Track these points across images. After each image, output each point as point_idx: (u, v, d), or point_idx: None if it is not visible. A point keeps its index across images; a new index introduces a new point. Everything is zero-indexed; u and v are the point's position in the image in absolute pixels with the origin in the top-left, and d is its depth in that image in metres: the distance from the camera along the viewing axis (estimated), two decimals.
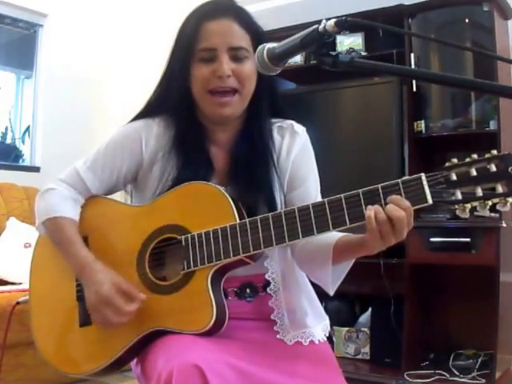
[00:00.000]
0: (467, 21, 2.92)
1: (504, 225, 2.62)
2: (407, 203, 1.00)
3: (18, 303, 1.95)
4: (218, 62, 1.22)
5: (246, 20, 1.26)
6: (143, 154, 1.28)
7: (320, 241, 1.18)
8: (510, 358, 2.87)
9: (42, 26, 3.82)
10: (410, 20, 3.01)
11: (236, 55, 1.23)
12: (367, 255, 1.11)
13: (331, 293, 1.22)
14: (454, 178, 0.99)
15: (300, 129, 1.34)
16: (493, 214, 0.99)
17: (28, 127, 3.82)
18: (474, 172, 0.98)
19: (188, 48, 1.24)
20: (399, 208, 1.00)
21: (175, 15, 1.33)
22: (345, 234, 1.17)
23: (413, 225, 1.02)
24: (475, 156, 0.98)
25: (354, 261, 1.19)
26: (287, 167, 1.30)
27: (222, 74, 1.21)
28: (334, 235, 1.17)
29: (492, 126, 2.79)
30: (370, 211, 1.01)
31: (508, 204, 0.95)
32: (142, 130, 1.29)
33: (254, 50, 1.20)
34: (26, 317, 1.32)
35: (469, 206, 0.97)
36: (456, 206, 0.99)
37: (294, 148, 1.31)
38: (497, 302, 2.64)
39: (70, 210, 1.27)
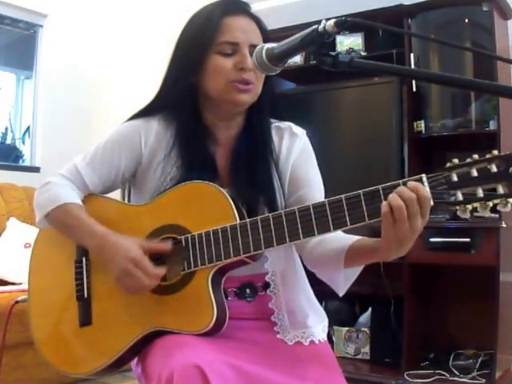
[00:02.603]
0: (467, 21, 2.93)
1: (504, 225, 2.62)
2: (421, 188, 0.97)
3: (16, 302, 1.95)
4: (241, 55, 1.23)
5: (259, 21, 1.29)
6: (142, 152, 1.28)
7: (331, 244, 1.18)
8: (509, 358, 2.87)
9: (41, 26, 3.81)
10: (409, 20, 3.02)
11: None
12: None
13: (341, 294, 1.21)
14: (455, 178, 0.98)
15: (299, 131, 1.34)
16: (493, 215, 0.99)
17: (28, 127, 3.82)
18: (474, 173, 0.97)
19: (207, 40, 1.24)
20: (411, 191, 0.98)
21: (176, 15, 1.34)
22: (359, 237, 1.16)
23: (428, 218, 1.00)
24: (476, 156, 0.97)
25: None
26: (287, 169, 1.30)
27: (246, 67, 1.22)
28: (347, 238, 1.17)
29: (492, 126, 2.79)
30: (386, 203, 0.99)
31: (509, 205, 0.94)
32: (142, 128, 1.29)
33: None
34: (26, 317, 1.32)
35: (470, 206, 0.97)
36: (457, 207, 0.98)
37: (294, 150, 1.31)
38: (497, 301, 2.64)
39: (75, 197, 1.27)
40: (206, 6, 1.30)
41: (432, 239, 2.76)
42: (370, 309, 3.15)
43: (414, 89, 2.95)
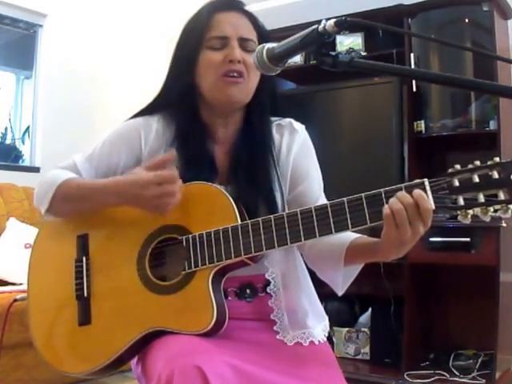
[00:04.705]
0: (467, 21, 2.93)
1: (504, 225, 2.62)
2: (428, 205, 0.99)
3: (15, 300, 1.96)
4: (230, 47, 1.24)
5: (254, 19, 1.30)
6: (142, 150, 1.29)
7: (332, 241, 1.18)
8: (509, 358, 2.87)
9: (41, 26, 3.81)
10: (409, 20, 3.02)
11: (245, 46, 1.26)
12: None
13: (340, 293, 1.22)
14: (457, 184, 0.99)
15: (299, 126, 1.34)
16: (493, 214, 1.00)
17: (28, 127, 3.82)
18: (476, 179, 0.98)
19: (198, 37, 1.26)
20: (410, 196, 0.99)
21: (175, 14, 1.34)
22: (359, 235, 1.17)
23: (430, 224, 1.01)
24: (478, 163, 0.99)
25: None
26: (288, 166, 1.30)
27: (234, 58, 1.23)
28: (347, 236, 1.17)
29: (492, 126, 2.79)
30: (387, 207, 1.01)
31: (509, 211, 0.96)
32: (142, 126, 1.29)
33: None
34: (26, 317, 1.32)
35: (471, 211, 0.98)
36: (458, 212, 0.99)
37: (294, 146, 1.31)
38: (497, 302, 2.64)
39: (73, 174, 1.27)
40: (199, 8, 1.31)
41: (432, 239, 2.76)
42: (370, 309, 3.15)
43: (414, 89, 2.95)
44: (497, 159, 0.98)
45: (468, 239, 2.68)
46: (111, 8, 4.02)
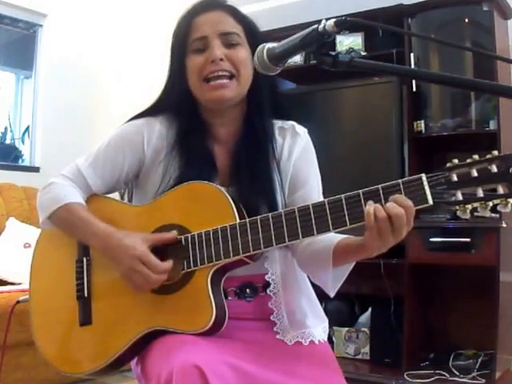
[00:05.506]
0: (467, 21, 2.92)
1: (504, 225, 2.62)
2: (409, 202, 0.99)
3: (18, 302, 1.95)
4: (210, 48, 1.23)
5: (236, 12, 1.28)
6: (145, 152, 1.28)
7: (320, 244, 1.18)
8: (509, 358, 2.87)
9: (41, 26, 3.82)
10: (409, 20, 3.02)
11: (228, 40, 1.24)
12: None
13: (332, 294, 1.22)
14: (455, 178, 0.98)
15: (301, 130, 1.34)
16: (493, 215, 0.99)
17: (27, 127, 3.82)
18: (474, 173, 0.97)
19: (181, 43, 1.26)
20: (399, 206, 0.99)
21: (175, 14, 1.34)
22: (345, 236, 1.17)
23: (412, 225, 1.02)
24: (476, 157, 0.98)
25: (354, 263, 1.19)
26: (289, 169, 1.30)
27: (215, 58, 1.22)
28: (334, 238, 1.17)
29: (492, 125, 2.79)
30: (370, 207, 1.00)
31: (509, 205, 0.95)
32: (144, 128, 1.29)
33: (248, 41, 1.23)
34: (26, 317, 1.32)
35: (469, 206, 0.97)
36: (457, 207, 0.98)
37: (296, 150, 1.31)
38: (497, 301, 2.64)
39: (78, 197, 1.27)
40: (182, 13, 1.31)
41: (432, 239, 2.76)
42: (370, 309, 3.15)
43: (414, 89, 2.95)
44: (495, 153, 0.97)
45: (468, 239, 2.68)
46: (111, 7, 4.02)
